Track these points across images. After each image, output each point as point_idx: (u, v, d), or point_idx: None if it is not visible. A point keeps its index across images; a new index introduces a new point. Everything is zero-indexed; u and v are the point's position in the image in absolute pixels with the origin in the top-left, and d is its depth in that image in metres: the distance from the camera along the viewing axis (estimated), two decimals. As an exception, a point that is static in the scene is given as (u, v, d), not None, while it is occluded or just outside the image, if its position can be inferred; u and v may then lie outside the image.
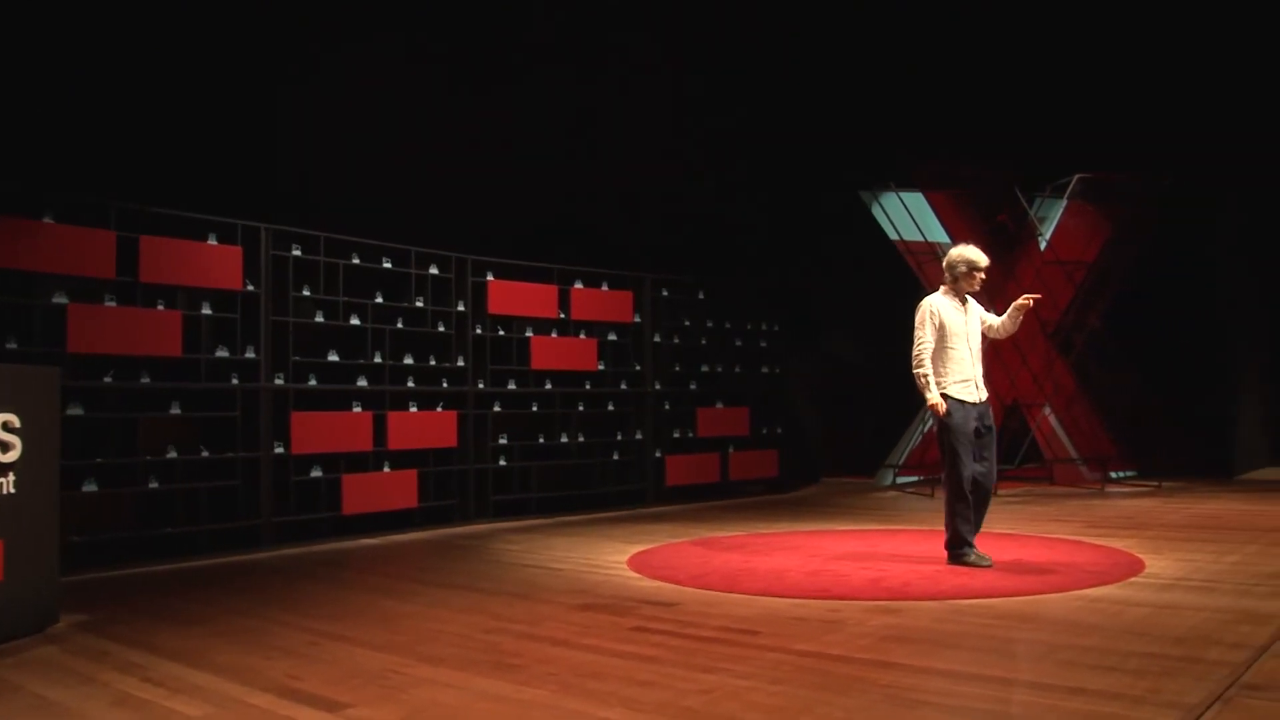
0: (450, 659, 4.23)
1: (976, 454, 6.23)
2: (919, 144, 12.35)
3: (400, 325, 9.18)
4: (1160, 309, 12.71)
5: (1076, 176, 11.74)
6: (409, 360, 9.22)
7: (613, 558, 7.07)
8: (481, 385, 9.75)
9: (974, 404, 6.29)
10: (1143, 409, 12.23)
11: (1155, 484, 11.48)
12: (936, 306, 6.41)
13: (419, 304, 9.31)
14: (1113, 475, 11.93)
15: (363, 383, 8.81)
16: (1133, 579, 5.70)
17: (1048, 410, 12.12)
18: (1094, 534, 7.59)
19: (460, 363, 9.59)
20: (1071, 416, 12.18)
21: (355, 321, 8.82)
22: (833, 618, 4.86)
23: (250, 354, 8.01)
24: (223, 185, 8.35)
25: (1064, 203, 12.04)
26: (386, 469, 8.89)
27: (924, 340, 6.34)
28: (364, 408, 8.77)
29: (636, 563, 6.79)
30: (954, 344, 6.33)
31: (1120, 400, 12.32)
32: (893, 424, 13.02)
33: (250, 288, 8.05)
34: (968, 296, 6.52)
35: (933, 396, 6.25)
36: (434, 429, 9.23)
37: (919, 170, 11.99)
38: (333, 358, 8.66)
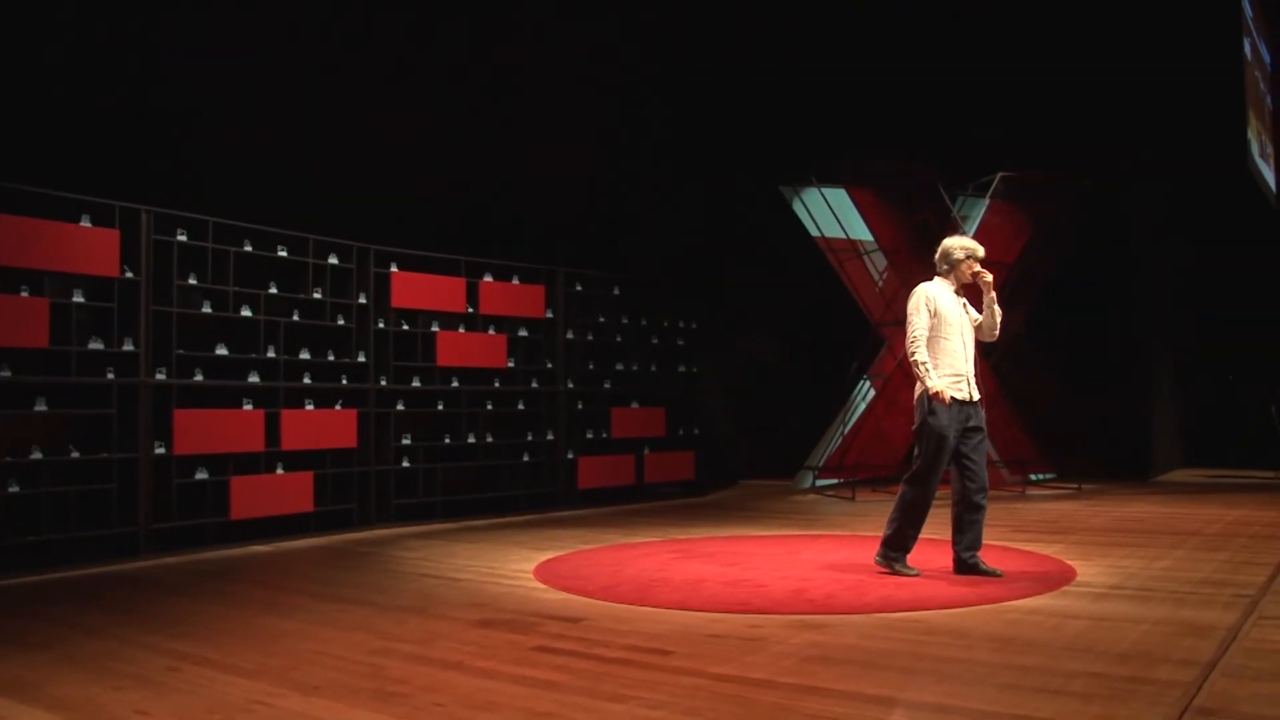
0: (327, 687, 3.76)
1: (960, 461, 5.86)
2: (842, 139, 12.12)
3: (296, 318, 8.61)
4: (1077, 311, 12.69)
5: (999, 175, 11.59)
6: (305, 355, 8.65)
7: (518, 566, 6.63)
8: (384, 382, 9.22)
9: (963, 403, 5.87)
10: (1060, 411, 12.16)
11: (1075, 486, 11.38)
12: (933, 293, 5.96)
13: (317, 295, 8.75)
14: (1032, 478, 11.81)
15: (254, 379, 8.24)
16: (1065, 588, 5.44)
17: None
18: (1021, 539, 7.36)
19: (361, 358, 9.05)
20: (992, 419, 12.01)
21: (247, 313, 8.23)
22: (753, 634, 4.49)
23: (128, 346, 7.39)
24: (98, 162, 7.72)
25: (987, 202, 11.89)
26: (280, 471, 8.32)
27: (918, 327, 5.87)
28: (255, 405, 8.20)
29: (543, 572, 6.35)
30: (948, 335, 5.90)
31: (1039, 402, 12.24)
32: (812, 425, 12.74)
33: (129, 274, 7.43)
34: (961, 291, 6.09)
35: (934, 383, 5.76)
36: (332, 428, 8.69)
37: (842, 165, 11.73)
38: (221, 351, 8.07)
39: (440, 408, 9.66)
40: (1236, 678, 3.66)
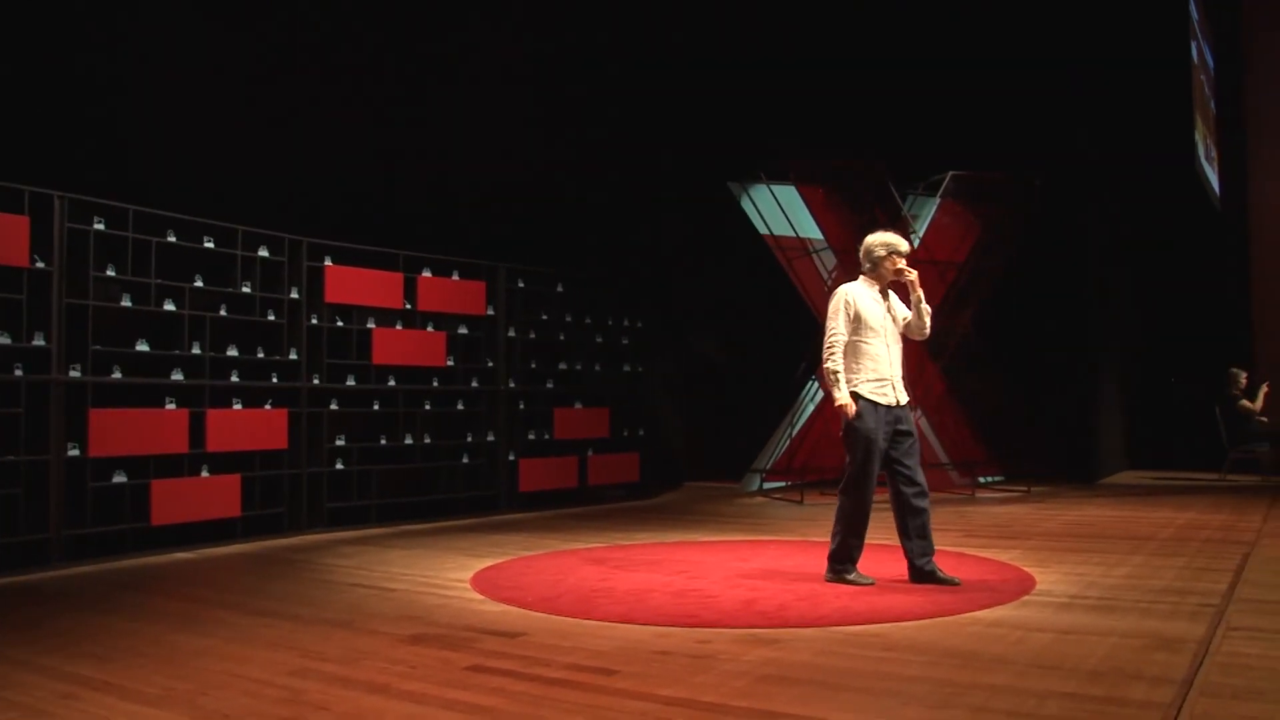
0: (239, 715, 3.42)
1: (892, 466, 5.66)
2: (792, 135, 11.91)
3: (224, 313, 8.21)
4: (1024, 311, 12.61)
5: (950, 174, 11.46)
6: (233, 352, 8.24)
7: (455, 575, 6.30)
8: (317, 381, 8.84)
9: (888, 407, 5.65)
10: (1007, 413, 12.06)
11: (1024, 489, 11.27)
12: (853, 295, 5.73)
13: (246, 289, 8.35)
14: (981, 480, 11.69)
15: (178, 376, 7.82)
16: (1026, 597, 5.23)
17: (919, 414, 11.78)
18: (974, 545, 7.16)
19: (293, 356, 8.66)
20: (941, 420, 11.90)
21: (170, 307, 7.81)
22: (702, 651, 4.21)
23: (39, 341, 6.94)
24: (5, 143, 7.25)
25: (937, 201, 11.74)
26: (205, 473, 7.91)
27: (836, 331, 5.67)
28: (179, 405, 7.78)
29: (481, 581, 6.03)
30: (870, 339, 5.67)
31: (987, 404, 12.13)
32: (759, 426, 12.52)
33: (40, 265, 6.98)
34: (889, 290, 5.87)
35: (841, 396, 5.59)
36: (261, 429, 8.29)
37: (791, 162, 11.52)
38: (142, 348, 7.64)
39: (376, 407, 9.29)
40: (1216, 697, 3.45)
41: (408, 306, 9.56)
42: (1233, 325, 13.95)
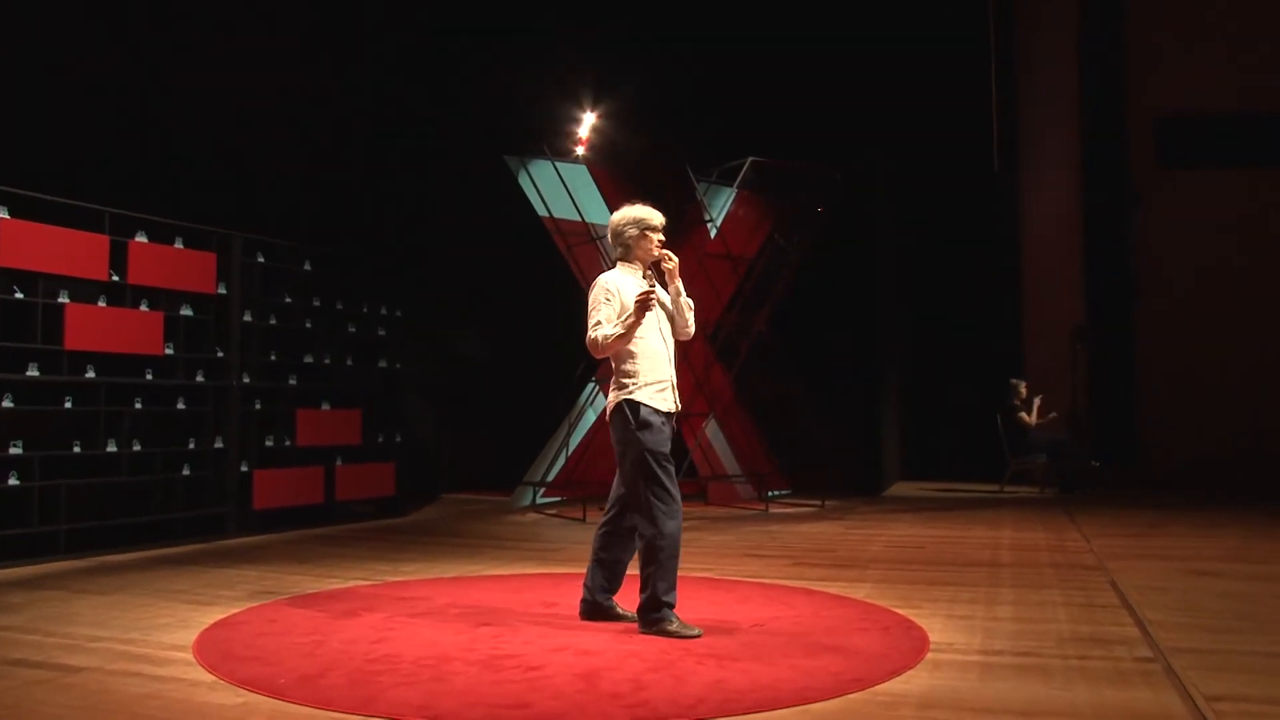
0: None
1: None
2: (581, 107, 10.66)
3: None
4: (813, 315, 12.00)
5: (750, 160, 10.54)
6: None
7: (171, 637, 4.62)
8: (-15, 370, 6.85)
9: (669, 415, 4.72)
10: (795, 421, 11.32)
11: (818, 504, 10.47)
12: (615, 285, 4.69)
13: (-117, 246, 6.30)
14: (770, 494, 10.84)
15: None
16: (930, 655, 4.20)
17: (711, 422, 10.79)
18: (813, 578, 6.13)
19: (-49, 336, 6.65)
20: (730, 429, 10.97)
21: None
22: (558, 777, 2.86)
23: None
24: None
25: (734, 191, 10.81)
26: None
27: (604, 319, 4.63)
28: None
29: (209, 647, 4.40)
30: (645, 334, 4.68)
31: (774, 411, 11.36)
32: (529, 433, 11.18)
33: None
34: (651, 276, 4.79)
35: (640, 301, 4.52)
36: (-100, 432, 6.26)
37: (576, 137, 10.28)
38: None
39: (68, 405, 7.36)
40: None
41: (115, 278, 7.66)
42: (1008, 335, 13.86)
